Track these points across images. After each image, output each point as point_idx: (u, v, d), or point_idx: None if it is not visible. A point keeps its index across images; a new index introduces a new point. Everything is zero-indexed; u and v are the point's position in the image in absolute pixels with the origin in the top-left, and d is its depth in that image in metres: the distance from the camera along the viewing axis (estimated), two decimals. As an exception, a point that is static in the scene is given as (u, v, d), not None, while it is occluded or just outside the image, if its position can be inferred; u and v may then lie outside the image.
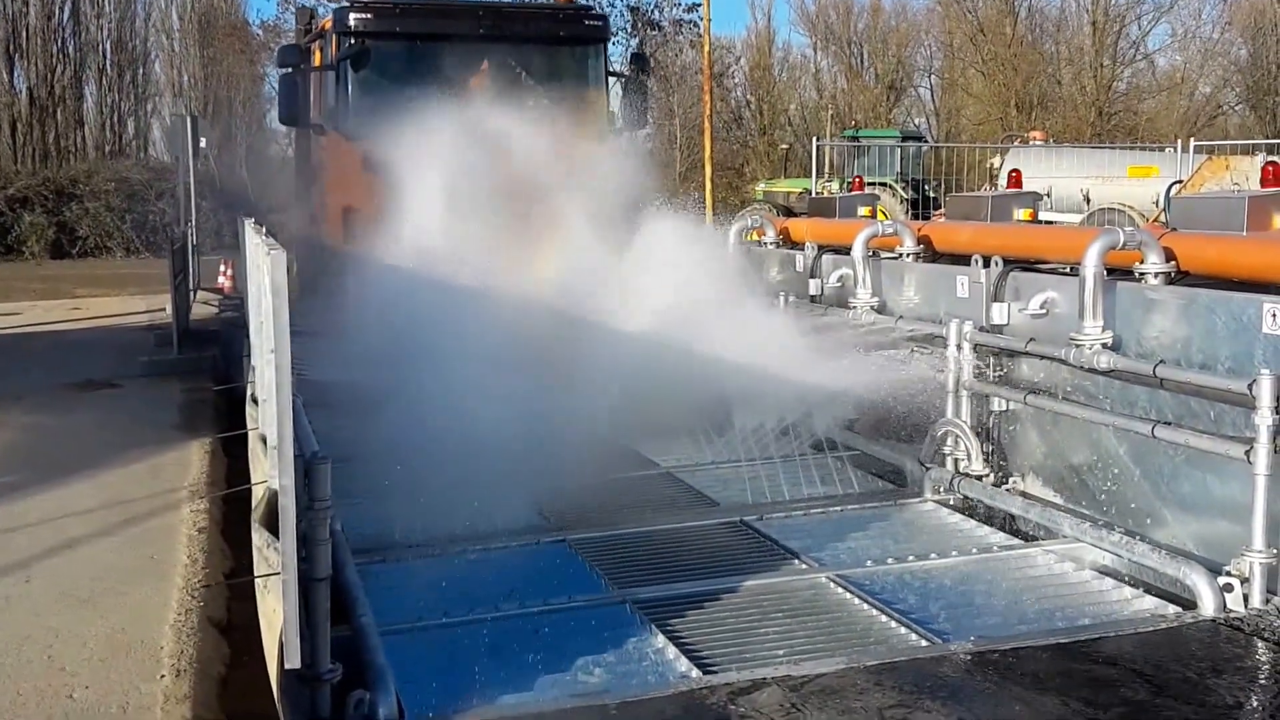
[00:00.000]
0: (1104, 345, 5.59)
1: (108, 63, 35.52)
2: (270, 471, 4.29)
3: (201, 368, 11.45)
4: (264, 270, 3.32)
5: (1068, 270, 6.19)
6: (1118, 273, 5.74)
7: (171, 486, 7.25)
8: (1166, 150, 23.91)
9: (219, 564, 5.97)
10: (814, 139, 28.19)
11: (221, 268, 17.91)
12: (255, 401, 6.02)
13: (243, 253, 8.32)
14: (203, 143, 14.51)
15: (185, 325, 12.53)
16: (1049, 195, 19.80)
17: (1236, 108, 44.16)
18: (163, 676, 4.56)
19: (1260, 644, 4.48)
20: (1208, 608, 4.76)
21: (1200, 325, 5.24)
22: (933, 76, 48.85)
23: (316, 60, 10.20)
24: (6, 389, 10.20)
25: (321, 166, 10.15)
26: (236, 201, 30.06)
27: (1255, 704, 4.02)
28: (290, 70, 9.55)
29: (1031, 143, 25.43)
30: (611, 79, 10.53)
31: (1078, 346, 5.65)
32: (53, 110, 33.38)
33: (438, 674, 4.47)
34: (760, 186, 32.68)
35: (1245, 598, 4.77)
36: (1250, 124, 40.58)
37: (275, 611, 3.58)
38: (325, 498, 3.48)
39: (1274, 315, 4.85)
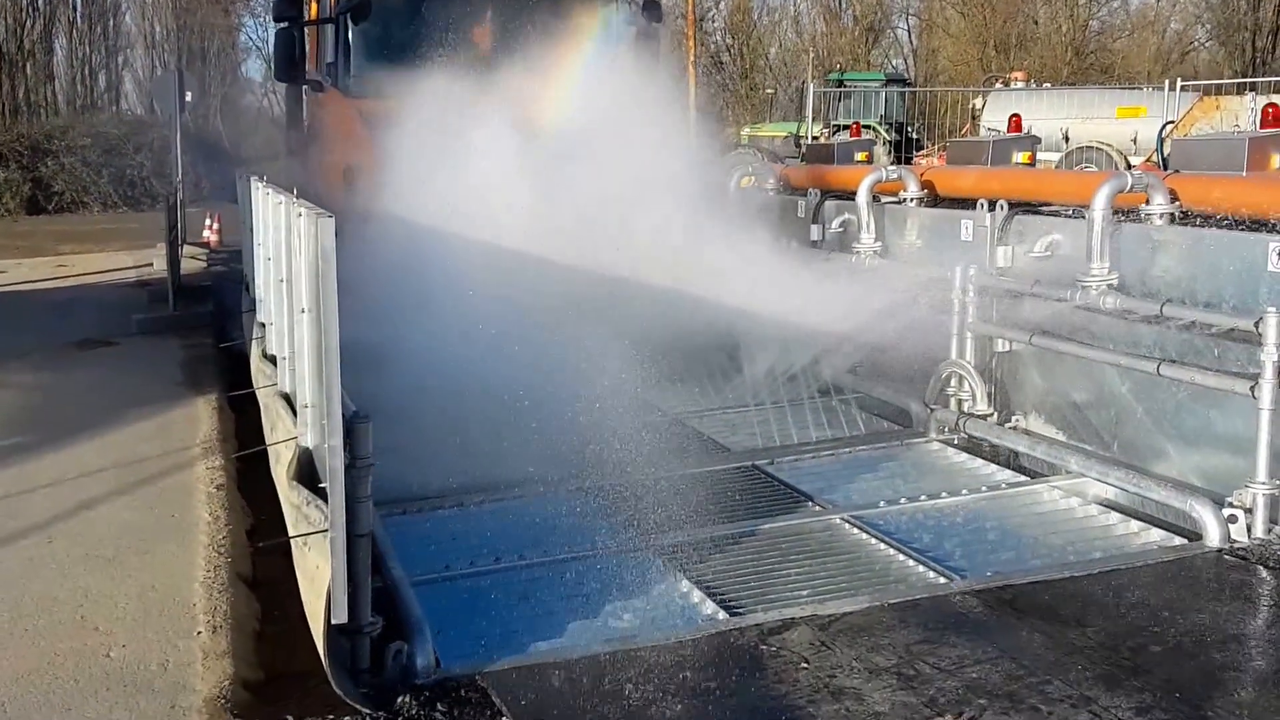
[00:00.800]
0: (1110, 286, 5.68)
1: (78, 15, 34.89)
2: (300, 429, 4.34)
3: (198, 323, 11.38)
4: (313, 235, 3.33)
5: (1070, 213, 6.26)
6: (1120, 214, 5.82)
7: (183, 444, 7.22)
8: (1144, 90, 23.86)
9: (240, 521, 5.99)
10: (803, 82, 27.98)
11: (207, 221, 17.60)
12: (268, 358, 6.04)
13: (244, 208, 8.25)
14: (188, 96, 14.29)
15: (178, 281, 12.44)
16: None
17: (1206, 44, 44.08)
18: (199, 633, 4.55)
19: (1265, 572, 4.63)
20: (1213, 538, 4.90)
21: (1206, 264, 5.33)
22: (911, 18, 48.49)
23: (314, 13, 9.95)
24: (4, 349, 10.12)
25: (320, 124, 9.94)
26: (212, 153, 29.71)
27: (1263, 629, 4.17)
28: (287, 24, 9.29)
29: (1013, 84, 25.35)
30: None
31: (1084, 288, 5.74)
32: (22, 65, 32.78)
33: (467, 623, 4.57)
34: (745, 130, 32.46)
35: (1249, 528, 4.91)
36: (1219, 59, 40.53)
37: (319, 568, 3.62)
38: (367, 456, 3.54)
39: (1279, 254, 4.95)
